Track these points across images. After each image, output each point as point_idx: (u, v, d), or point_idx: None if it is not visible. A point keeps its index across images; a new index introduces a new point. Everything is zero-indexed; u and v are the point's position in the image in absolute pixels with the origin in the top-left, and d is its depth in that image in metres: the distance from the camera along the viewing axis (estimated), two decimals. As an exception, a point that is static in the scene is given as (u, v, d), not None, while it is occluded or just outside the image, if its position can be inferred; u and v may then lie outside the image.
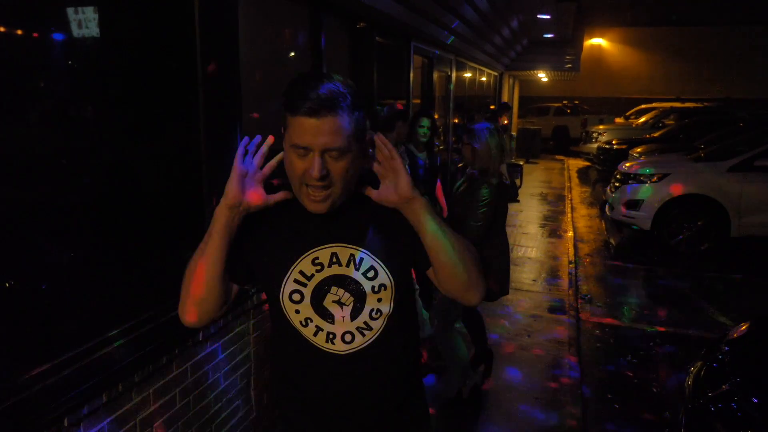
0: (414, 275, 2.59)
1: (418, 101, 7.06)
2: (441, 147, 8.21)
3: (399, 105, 3.68)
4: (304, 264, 1.27)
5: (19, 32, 1.74)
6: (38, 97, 1.86)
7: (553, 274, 5.99)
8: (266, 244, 1.31)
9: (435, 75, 7.54)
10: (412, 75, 6.22)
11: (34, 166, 1.80)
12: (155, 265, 2.28)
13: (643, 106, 18.00)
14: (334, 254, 1.27)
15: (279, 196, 1.26)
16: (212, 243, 1.26)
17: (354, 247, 1.27)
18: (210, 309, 1.33)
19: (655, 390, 3.77)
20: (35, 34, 1.81)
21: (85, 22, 1.97)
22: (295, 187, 1.23)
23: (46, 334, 1.76)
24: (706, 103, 16.37)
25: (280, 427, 1.46)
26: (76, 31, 1.94)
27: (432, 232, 1.24)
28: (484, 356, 3.68)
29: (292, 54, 4.11)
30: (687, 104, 16.09)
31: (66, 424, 1.69)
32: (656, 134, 12.58)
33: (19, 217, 1.73)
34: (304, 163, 1.17)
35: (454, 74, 8.77)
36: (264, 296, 2.04)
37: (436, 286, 1.37)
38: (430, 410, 1.56)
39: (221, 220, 1.25)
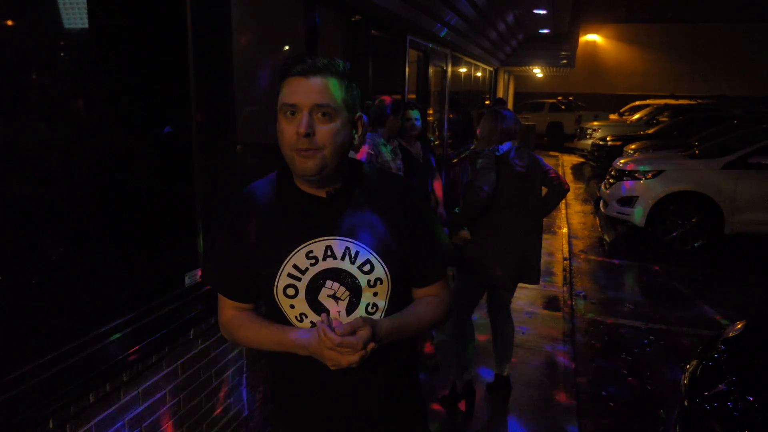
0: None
1: (414, 96, 7.02)
2: (437, 142, 8.18)
3: (387, 99, 3.61)
4: (298, 257, 1.25)
5: (6, 23, 1.69)
6: (26, 90, 1.80)
7: (547, 271, 5.97)
8: (259, 239, 1.29)
9: (430, 69, 7.49)
10: (407, 69, 6.17)
11: (20, 160, 1.75)
12: (144, 261, 2.23)
13: (637, 102, 18.03)
14: (328, 247, 1.25)
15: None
16: (273, 347, 1.32)
17: (349, 239, 1.25)
18: None
19: (649, 388, 3.76)
20: (21, 26, 1.75)
21: (74, 14, 1.91)
22: (287, 158, 1.23)
23: (30, 333, 1.72)
24: (700, 100, 16.42)
25: (277, 424, 1.44)
26: (63, 23, 1.88)
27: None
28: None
29: (287, 47, 4.06)
30: (681, 101, 16.12)
31: (51, 425, 1.64)
32: (650, 131, 12.60)
33: (4, 212, 1.68)
34: (293, 125, 1.18)
35: (449, 69, 8.73)
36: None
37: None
38: (425, 405, 1.54)
39: (293, 349, 1.27)
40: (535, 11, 10.45)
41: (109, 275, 2.07)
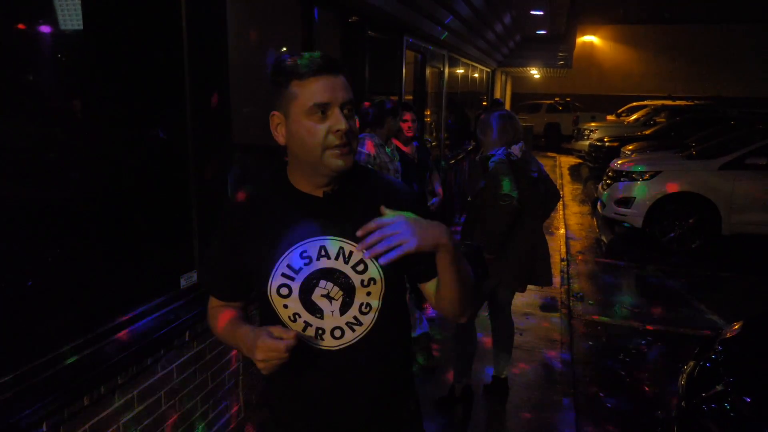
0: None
1: (411, 97, 7.01)
2: (434, 143, 8.18)
3: (367, 103, 3.60)
4: (292, 257, 1.25)
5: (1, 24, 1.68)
6: (22, 92, 1.79)
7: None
8: (255, 239, 1.29)
9: (428, 70, 7.48)
10: (404, 70, 6.17)
11: (16, 161, 1.73)
12: (140, 263, 2.22)
13: (634, 103, 18.05)
14: (322, 247, 1.25)
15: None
16: (230, 341, 1.33)
17: (343, 240, 1.25)
18: None
19: (647, 389, 3.76)
20: (16, 27, 1.74)
21: (68, 15, 1.90)
22: (315, 158, 1.20)
23: (24, 335, 1.70)
24: (697, 101, 16.45)
25: (270, 426, 1.43)
26: (58, 24, 1.87)
27: (452, 277, 1.20)
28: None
29: (284, 49, 4.05)
30: (678, 102, 16.13)
31: (45, 428, 1.63)
32: (648, 132, 12.62)
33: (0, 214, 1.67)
34: (324, 124, 1.18)
35: (446, 70, 8.73)
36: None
37: (426, 297, 1.37)
38: (422, 408, 1.53)
39: (240, 342, 1.27)
40: (532, 12, 10.47)
41: (105, 277, 2.06)
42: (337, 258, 1.25)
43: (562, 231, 7.76)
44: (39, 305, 1.79)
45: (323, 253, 1.25)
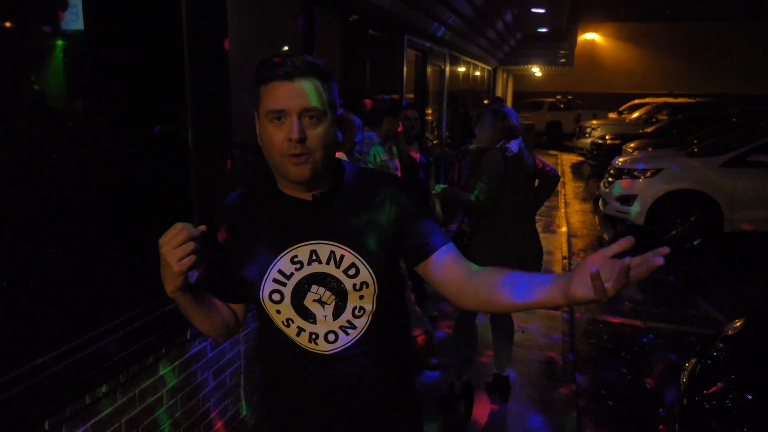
0: (405, 269, 2.52)
1: (412, 96, 7.01)
2: (435, 142, 8.18)
3: (384, 100, 3.60)
4: (283, 262, 1.23)
5: (4, 25, 1.69)
6: (23, 92, 1.80)
7: (547, 270, 5.97)
8: (245, 245, 1.27)
9: (429, 69, 7.48)
10: (405, 69, 6.17)
11: (18, 161, 1.74)
12: (140, 261, 2.22)
13: (636, 101, 18.02)
14: (313, 252, 1.23)
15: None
16: (186, 312, 1.27)
17: (334, 243, 1.23)
18: (230, 330, 1.38)
19: (648, 386, 3.76)
20: (18, 28, 1.74)
21: (70, 16, 1.91)
22: (275, 163, 1.20)
23: (25, 334, 1.71)
24: (698, 99, 16.43)
25: (268, 427, 1.43)
26: (59, 25, 1.88)
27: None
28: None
29: (285, 48, 4.06)
30: (680, 99, 16.10)
31: (47, 427, 1.64)
32: (649, 129, 12.60)
33: (1, 214, 1.68)
34: (281, 131, 1.16)
35: (447, 68, 8.73)
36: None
37: (434, 285, 1.30)
38: (422, 407, 1.52)
39: (177, 300, 1.24)
40: (534, 10, 10.45)
41: (106, 276, 2.06)
42: (328, 262, 1.23)
43: (564, 229, 7.76)
44: (40, 304, 1.80)
45: (314, 257, 1.23)
